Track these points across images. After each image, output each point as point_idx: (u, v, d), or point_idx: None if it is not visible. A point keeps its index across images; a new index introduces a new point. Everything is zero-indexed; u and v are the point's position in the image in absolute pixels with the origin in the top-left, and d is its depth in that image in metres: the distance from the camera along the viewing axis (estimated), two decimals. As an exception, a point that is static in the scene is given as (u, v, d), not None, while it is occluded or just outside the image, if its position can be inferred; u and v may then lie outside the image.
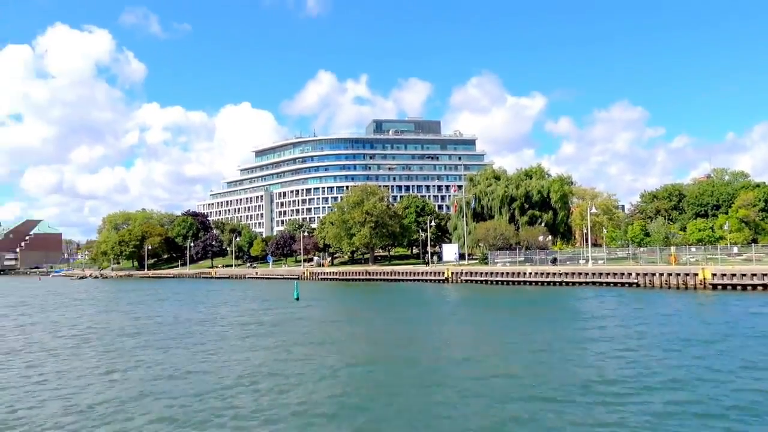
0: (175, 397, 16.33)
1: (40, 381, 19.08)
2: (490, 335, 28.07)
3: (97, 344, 27.25)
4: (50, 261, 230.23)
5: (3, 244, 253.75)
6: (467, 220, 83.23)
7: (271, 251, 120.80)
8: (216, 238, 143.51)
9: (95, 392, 17.21)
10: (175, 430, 13.51)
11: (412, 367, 20.13)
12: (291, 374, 19.13)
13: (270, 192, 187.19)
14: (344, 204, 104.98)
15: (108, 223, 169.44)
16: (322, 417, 14.32)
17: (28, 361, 23.05)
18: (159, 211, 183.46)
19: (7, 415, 15.05)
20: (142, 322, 36.59)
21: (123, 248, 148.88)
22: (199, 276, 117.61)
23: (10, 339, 30.06)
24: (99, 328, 33.84)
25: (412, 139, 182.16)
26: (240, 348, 25.00)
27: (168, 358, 22.90)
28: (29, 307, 52.25)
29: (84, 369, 21.01)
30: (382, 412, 14.63)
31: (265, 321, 35.24)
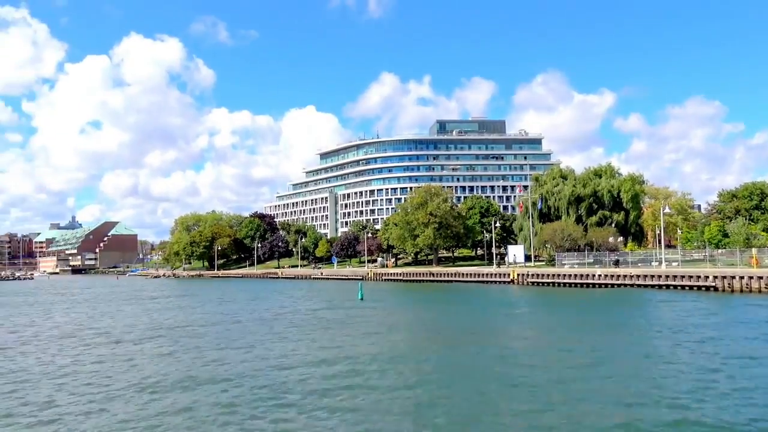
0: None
1: (171, 360, 19.87)
2: (555, 339, 27.25)
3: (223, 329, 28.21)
4: (126, 261, 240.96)
5: (84, 245, 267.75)
6: (533, 220, 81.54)
7: (335, 252, 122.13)
8: (282, 239, 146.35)
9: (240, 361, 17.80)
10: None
11: (481, 369, 19.75)
12: (365, 382, 19.11)
13: (334, 193, 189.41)
14: (408, 205, 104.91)
15: (180, 225, 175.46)
16: (386, 413, 14.21)
17: (180, 337, 24.11)
18: (228, 213, 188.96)
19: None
20: (243, 316, 37.78)
21: (194, 249, 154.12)
22: (266, 276, 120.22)
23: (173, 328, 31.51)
24: (214, 319, 35.02)
25: (476, 139, 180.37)
26: (308, 344, 25.26)
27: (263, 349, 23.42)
28: (155, 302, 54.84)
29: (213, 346, 21.78)
30: (444, 412, 14.39)
31: (332, 320, 35.52)
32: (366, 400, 15.76)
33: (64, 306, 55.73)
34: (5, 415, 14.97)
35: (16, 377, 19.82)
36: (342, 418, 14.13)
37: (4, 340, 29.83)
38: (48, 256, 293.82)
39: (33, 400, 16.36)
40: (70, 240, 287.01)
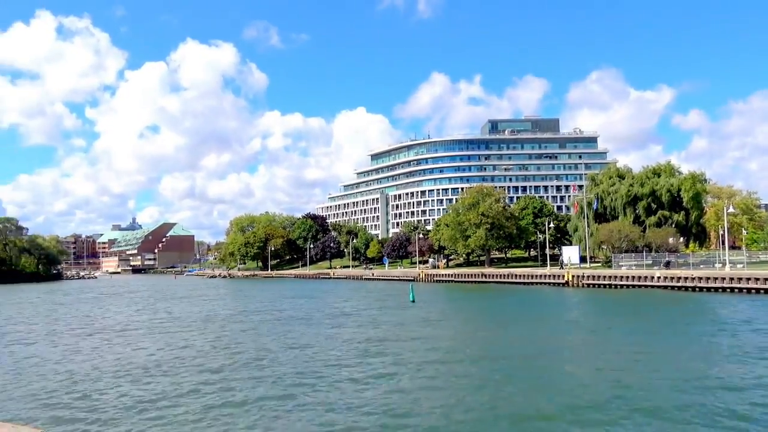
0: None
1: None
2: (612, 342, 26.43)
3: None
4: (184, 261, 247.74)
5: (144, 245, 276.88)
6: (588, 221, 79.60)
7: (386, 253, 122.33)
8: (334, 239, 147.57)
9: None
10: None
11: (535, 375, 19.32)
12: (420, 384, 18.98)
13: (385, 194, 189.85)
14: (459, 206, 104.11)
15: (234, 226, 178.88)
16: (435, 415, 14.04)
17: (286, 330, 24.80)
18: (281, 214, 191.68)
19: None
20: (311, 313, 38.40)
21: (248, 249, 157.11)
22: (318, 276, 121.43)
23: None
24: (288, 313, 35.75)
25: (529, 139, 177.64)
26: (363, 344, 25.31)
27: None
28: (224, 300, 56.51)
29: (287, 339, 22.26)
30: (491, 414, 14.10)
31: (384, 321, 35.51)
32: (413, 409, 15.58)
33: (163, 303, 57.71)
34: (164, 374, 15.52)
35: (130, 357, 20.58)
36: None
37: (115, 328, 31.07)
38: (110, 256, 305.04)
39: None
40: (131, 241, 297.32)
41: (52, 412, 15.23)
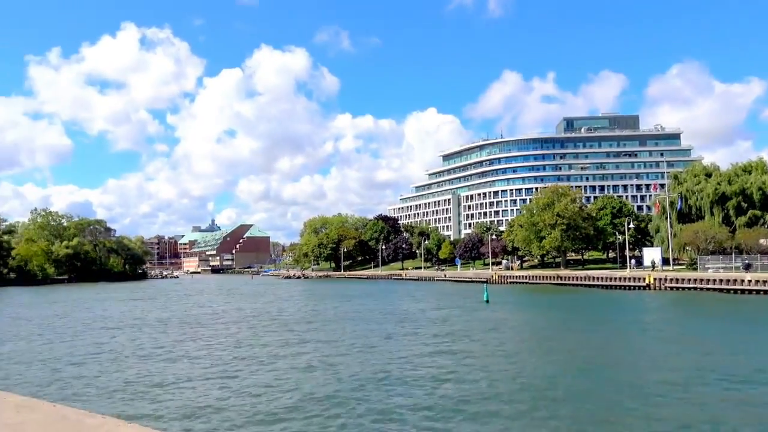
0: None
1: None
2: (703, 353, 24.97)
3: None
4: (260, 261, 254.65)
5: (222, 246, 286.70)
6: (671, 221, 75.98)
7: (459, 254, 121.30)
8: (406, 240, 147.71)
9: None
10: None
11: (617, 385, 18.49)
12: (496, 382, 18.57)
13: (457, 195, 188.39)
14: (533, 206, 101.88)
15: (308, 227, 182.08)
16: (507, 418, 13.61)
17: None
18: (353, 215, 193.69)
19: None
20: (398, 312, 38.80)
21: (322, 250, 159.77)
22: (390, 277, 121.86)
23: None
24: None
25: (606, 136, 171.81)
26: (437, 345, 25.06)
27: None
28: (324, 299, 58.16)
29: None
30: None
31: (458, 321, 35.12)
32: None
33: (259, 301, 59.75)
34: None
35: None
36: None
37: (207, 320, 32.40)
38: (191, 256, 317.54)
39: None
40: (210, 242, 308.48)
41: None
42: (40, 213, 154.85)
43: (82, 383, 18.85)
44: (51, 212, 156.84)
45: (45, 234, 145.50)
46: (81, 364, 22.66)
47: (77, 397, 16.43)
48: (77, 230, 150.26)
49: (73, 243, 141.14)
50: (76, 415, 6.76)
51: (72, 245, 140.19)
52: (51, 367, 21.89)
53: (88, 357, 24.38)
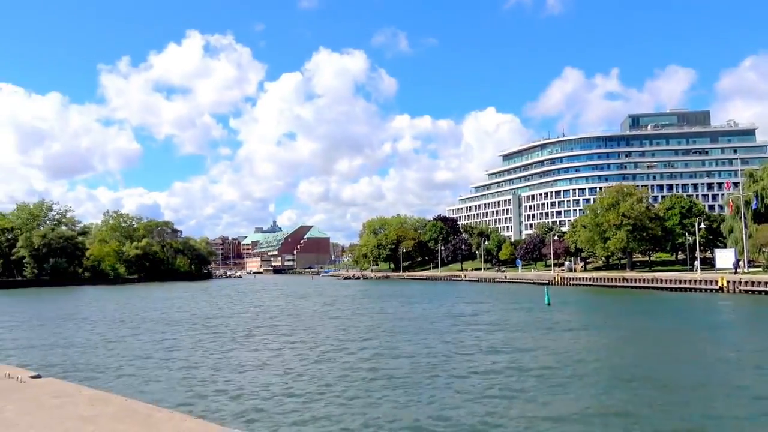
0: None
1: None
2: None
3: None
4: (320, 262, 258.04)
5: (283, 247, 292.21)
6: (746, 221, 72.34)
7: (519, 255, 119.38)
8: (465, 241, 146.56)
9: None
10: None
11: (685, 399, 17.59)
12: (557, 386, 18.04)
13: (518, 195, 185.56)
14: (597, 206, 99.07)
15: (367, 228, 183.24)
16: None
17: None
18: (411, 216, 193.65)
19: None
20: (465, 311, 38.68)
21: (381, 251, 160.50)
22: (449, 278, 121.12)
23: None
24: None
25: (675, 133, 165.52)
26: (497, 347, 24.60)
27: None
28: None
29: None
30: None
31: (520, 324, 34.44)
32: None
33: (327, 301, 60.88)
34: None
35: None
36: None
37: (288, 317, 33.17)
38: (253, 257, 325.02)
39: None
40: (272, 242, 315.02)
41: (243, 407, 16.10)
42: (111, 215, 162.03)
43: (155, 378, 19.42)
44: (122, 214, 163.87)
45: (116, 235, 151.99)
46: (153, 359, 23.39)
47: (148, 391, 16.90)
48: (146, 231, 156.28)
49: (143, 244, 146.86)
50: (146, 409, 6.88)
51: (141, 246, 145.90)
52: (127, 362, 22.67)
53: (160, 351, 25.15)
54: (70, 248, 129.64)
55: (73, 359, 23.73)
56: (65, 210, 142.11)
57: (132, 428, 5.86)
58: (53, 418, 6.44)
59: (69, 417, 6.44)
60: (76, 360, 23.59)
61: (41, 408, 6.89)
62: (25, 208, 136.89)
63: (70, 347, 27.26)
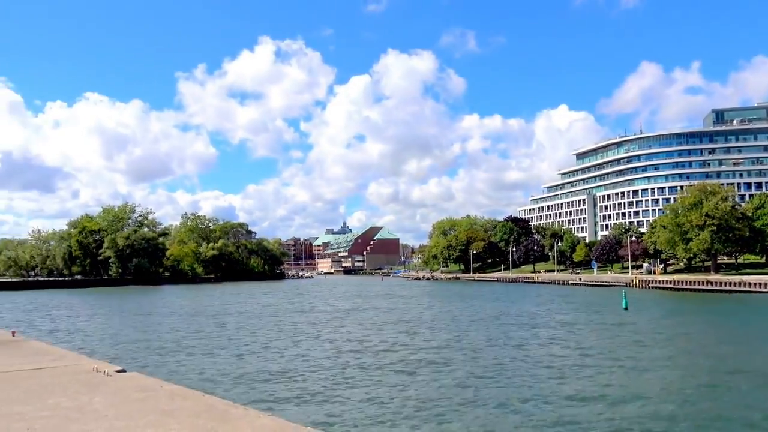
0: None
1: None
2: None
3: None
4: (390, 263, 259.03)
5: (354, 248, 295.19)
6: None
7: (594, 256, 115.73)
8: (537, 242, 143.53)
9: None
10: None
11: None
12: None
13: (593, 195, 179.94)
14: (678, 206, 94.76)
15: (437, 229, 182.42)
16: None
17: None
18: (481, 217, 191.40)
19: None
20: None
21: (450, 252, 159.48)
22: (521, 280, 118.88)
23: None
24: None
25: (764, 128, 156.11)
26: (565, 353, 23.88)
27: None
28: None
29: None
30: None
31: (596, 329, 33.35)
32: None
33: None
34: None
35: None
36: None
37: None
38: (324, 257, 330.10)
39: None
40: (342, 243, 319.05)
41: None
42: (189, 217, 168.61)
43: (231, 374, 19.94)
44: (199, 216, 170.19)
45: (194, 236, 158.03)
46: (239, 355, 24.04)
47: (224, 387, 17.36)
48: (222, 233, 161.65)
49: (219, 245, 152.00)
50: (223, 405, 7.02)
51: (218, 246, 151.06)
52: (207, 359, 23.41)
53: (240, 347, 25.84)
54: (152, 249, 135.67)
55: (155, 354, 24.73)
56: (147, 212, 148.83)
57: (209, 423, 5.97)
58: (137, 410, 6.66)
59: (151, 410, 6.65)
60: (158, 355, 24.58)
61: (126, 401, 7.15)
62: (110, 210, 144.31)
63: (153, 343, 28.46)
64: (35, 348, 12.27)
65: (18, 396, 7.53)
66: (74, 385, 8.12)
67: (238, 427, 5.87)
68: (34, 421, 6.26)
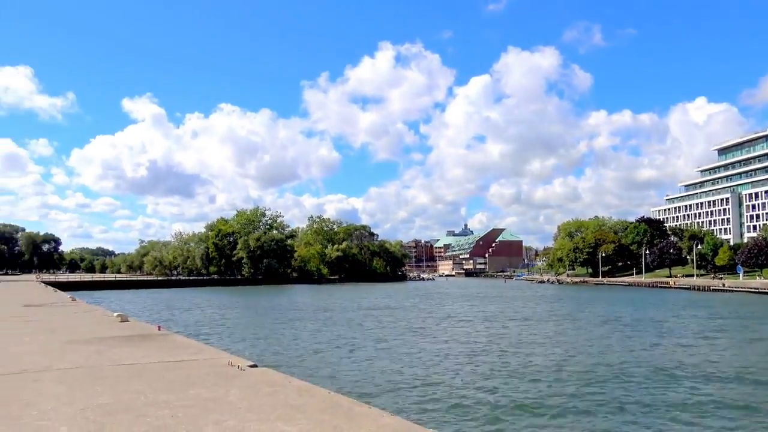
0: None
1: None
2: None
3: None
4: (512, 266, 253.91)
5: (475, 250, 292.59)
6: None
7: (740, 260, 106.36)
8: (673, 245, 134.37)
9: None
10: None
11: None
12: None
13: (737, 193, 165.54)
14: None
15: (562, 231, 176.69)
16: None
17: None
18: (610, 218, 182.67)
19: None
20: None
21: (577, 255, 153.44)
22: (655, 285, 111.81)
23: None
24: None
25: None
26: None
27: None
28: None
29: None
30: None
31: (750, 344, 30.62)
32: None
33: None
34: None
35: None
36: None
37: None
38: (445, 259, 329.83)
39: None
40: (463, 245, 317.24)
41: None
42: (315, 220, 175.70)
43: (358, 372, 20.39)
44: (324, 219, 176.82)
45: (319, 238, 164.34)
46: (369, 357, 24.61)
47: (351, 384, 17.77)
48: (346, 235, 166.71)
49: (343, 246, 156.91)
50: (348, 403, 7.18)
51: (342, 248, 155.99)
52: (336, 358, 24.16)
53: (367, 347, 26.42)
54: (280, 250, 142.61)
55: (285, 351, 25.86)
56: (276, 215, 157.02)
57: (334, 420, 6.12)
58: (267, 404, 6.97)
59: (281, 405, 6.93)
60: (288, 352, 25.67)
61: (257, 395, 7.51)
62: (243, 214, 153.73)
63: (284, 339, 29.80)
64: (177, 342, 13.21)
65: (163, 386, 8.15)
66: (212, 378, 8.65)
67: (361, 424, 5.95)
68: (177, 409, 6.74)
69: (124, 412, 6.67)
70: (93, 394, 7.74)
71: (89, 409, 6.92)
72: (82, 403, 7.18)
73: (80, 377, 8.91)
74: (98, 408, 6.93)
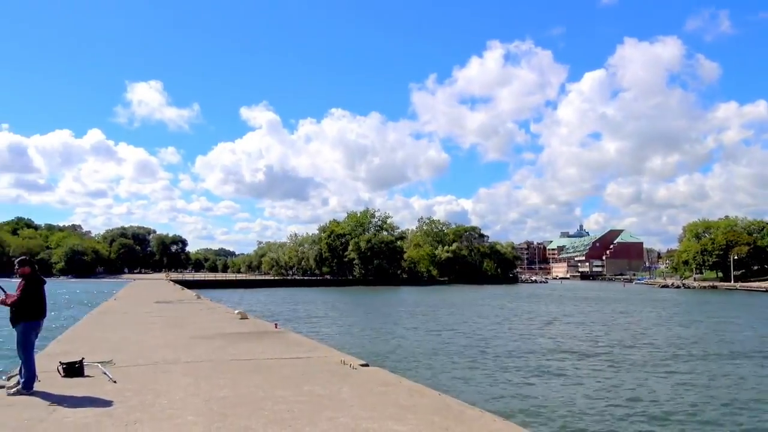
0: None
1: None
2: None
3: None
4: (632, 269, 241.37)
5: (591, 252, 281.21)
6: None
7: None
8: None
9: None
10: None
11: None
12: None
13: None
14: None
15: (688, 232, 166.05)
16: None
17: None
18: (744, 218, 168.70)
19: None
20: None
21: (705, 258, 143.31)
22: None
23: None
24: None
25: None
26: None
27: None
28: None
29: None
30: None
31: None
32: None
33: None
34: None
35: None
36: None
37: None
38: (559, 262, 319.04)
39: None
40: (578, 247, 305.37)
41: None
42: (424, 221, 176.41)
43: (470, 375, 20.19)
44: (434, 220, 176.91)
45: (429, 240, 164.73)
46: (483, 362, 24.39)
47: (463, 386, 17.61)
48: (455, 236, 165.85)
49: (453, 248, 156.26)
50: (458, 406, 7.09)
51: (451, 250, 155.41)
52: (450, 360, 24.09)
53: (480, 348, 26.13)
54: (390, 251, 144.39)
55: (397, 351, 26.07)
56: (385, 217, 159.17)
57: (445, 422, 6.06)
58: (379, 403, 7.05)
59: (391, 404, 6.98)
60: (400, 352, 25.87)
61: (369, 393, 7.61)
62: (353, 216, 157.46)
63: (395, 339, 30.08)
64: (293, 339, 13.72)
65: (279, 381, 8.48)
66: (325, 375, 8.89)
67: (472, 428, 5.86)
68: (293, 404, 6.98)
69: (243, 405, 7.02)
70: (216, 386, 8.22)
71: (213, 400, 7.34)
72: (206, 395, 7.64)
73: (204, 370, 9.49)
74: (221, 400, 7.34)
